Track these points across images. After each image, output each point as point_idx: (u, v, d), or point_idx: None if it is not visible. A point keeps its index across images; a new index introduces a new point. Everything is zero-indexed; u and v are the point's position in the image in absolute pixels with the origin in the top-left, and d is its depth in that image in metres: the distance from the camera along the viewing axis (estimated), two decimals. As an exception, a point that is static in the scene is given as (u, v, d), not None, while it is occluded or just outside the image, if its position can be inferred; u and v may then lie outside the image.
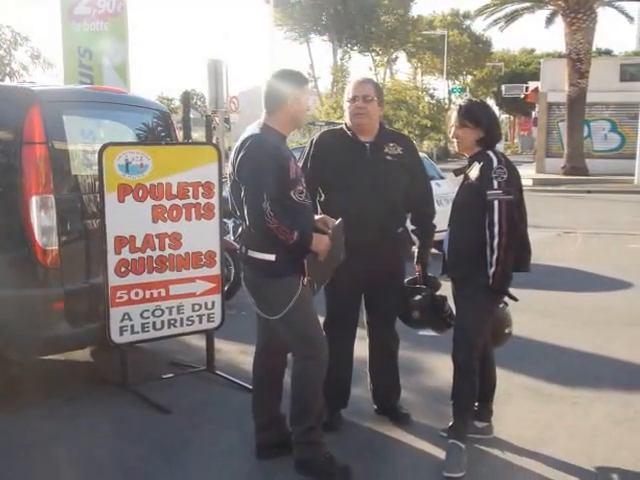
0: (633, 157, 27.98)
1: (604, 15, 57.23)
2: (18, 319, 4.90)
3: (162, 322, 5.30)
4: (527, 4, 34.92)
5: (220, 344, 6.17)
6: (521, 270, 4.26)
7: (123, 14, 13.68)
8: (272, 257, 3.90)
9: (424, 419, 4.85)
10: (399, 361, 4.90)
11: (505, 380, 5.18)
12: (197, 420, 4.90)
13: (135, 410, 5.06)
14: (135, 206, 5.07)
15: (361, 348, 4.82)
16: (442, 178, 11.91)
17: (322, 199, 4.59)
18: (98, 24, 13.65)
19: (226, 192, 4.58)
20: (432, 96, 46.07)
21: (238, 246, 4.25)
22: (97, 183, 5.06)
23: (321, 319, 4.31)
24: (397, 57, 70.18)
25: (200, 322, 5.48)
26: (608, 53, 59.02)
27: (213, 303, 5.50)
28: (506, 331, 4.51)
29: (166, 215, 5.19)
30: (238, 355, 6.22)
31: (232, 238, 8.40)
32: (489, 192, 4.00)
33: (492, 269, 4.01)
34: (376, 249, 4.43)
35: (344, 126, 4.64)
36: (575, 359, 6.22)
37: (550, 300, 8.46)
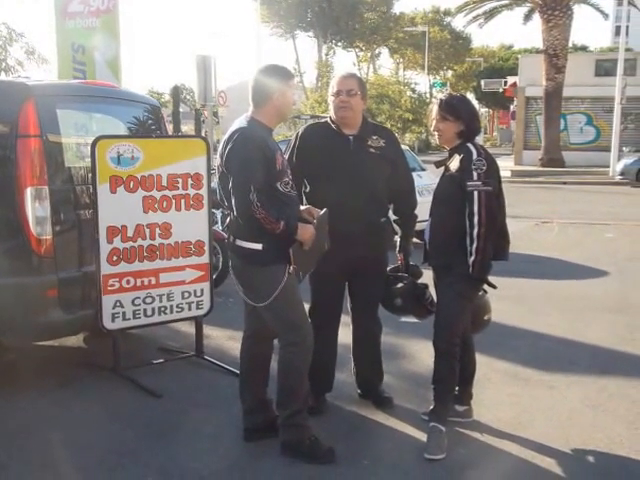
0: (608, 149, 28.39)
1: (580, 12, 57.76)
2: (13, 306, 4.94)
3: (152, 309, 5.38)
4: (505, 1, 35.20)
5: (209, 330, 6.27)
6: (500, 259, 4.33)
7: (115, 11, 13.71)
8: (259, 246, 3.96)
9: (406, 403, 4.92)
10: (382, 347, 4.96)
11: (484, 365, 5.29)
12: (186, 404, 4.96)
13: (126, 394, 5.12)
14: (126, 197, 5.14)
15: (345, 334, 4.89)
16: (423, 170, 12.00)
17: (307, 190, 4.63)
18: (91, 21, 13.69)
19: (214, 183, 4.67)
20: (414, 90, 46.40)
21: (226, 235, 4.29)
22: (90, 175, 5.13)
23: (306, 306, 4.37)
24: (380, 53, 70.60)
25: (189, 309, 5.57)
26: (584, 49, 59.52)
27: (202, 291, 5.59)
28: (485, 318, 4.58)
29: (156, 206, 5.26)
30: (226, 341, 6.29)
31: (220, 228, 8.44)
32: (469, 183, 4.05)
33: (472, 258, 4.07)
34: (359, 238, 4.48)
35: (329, 119, 4.68)
36: (552, 345, 6.31)
37: (528, 288, 8.54)
